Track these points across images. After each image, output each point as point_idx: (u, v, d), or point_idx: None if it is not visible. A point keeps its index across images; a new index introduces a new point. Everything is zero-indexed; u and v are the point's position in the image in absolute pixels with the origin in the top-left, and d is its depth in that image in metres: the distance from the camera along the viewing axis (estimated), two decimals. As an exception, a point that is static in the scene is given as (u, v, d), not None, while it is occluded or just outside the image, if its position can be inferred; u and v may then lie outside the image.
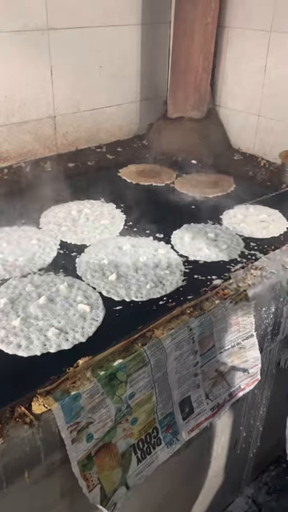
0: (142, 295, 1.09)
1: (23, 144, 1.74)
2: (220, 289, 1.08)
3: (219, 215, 1.47)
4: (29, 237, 1.31)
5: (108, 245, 1.29)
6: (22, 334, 0.95)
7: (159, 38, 1.97)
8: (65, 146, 1.87)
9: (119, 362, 0.87)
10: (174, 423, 1.02)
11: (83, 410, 0.81)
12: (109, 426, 0.86)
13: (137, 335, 0.93)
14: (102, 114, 1.93)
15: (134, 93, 2.00)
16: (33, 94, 1.69)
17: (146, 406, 0.94)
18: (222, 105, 1.99)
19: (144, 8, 1.86)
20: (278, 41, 1.71)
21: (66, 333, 0.96)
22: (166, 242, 1.31)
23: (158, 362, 0.93)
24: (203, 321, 1.00)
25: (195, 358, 1.01)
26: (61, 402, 0.78)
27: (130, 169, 1.79)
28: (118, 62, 1.88)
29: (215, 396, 1.09)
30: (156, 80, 2.04)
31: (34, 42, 1.61)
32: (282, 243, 1.29)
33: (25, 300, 1.05)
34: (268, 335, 1.20)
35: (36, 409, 0.77)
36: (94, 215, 1.44)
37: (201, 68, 1.85)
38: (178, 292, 1.11)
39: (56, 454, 0.81)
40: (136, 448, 0.95)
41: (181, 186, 1.67)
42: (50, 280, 1.13)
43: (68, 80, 1.75)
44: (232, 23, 1.83)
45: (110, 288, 1.10)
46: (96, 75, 1.83)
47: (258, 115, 1.87)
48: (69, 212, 1.45)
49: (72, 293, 1.08)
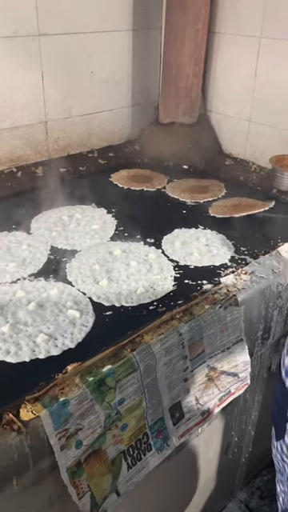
0: (133, 300, 1.09)
1: (14, 149, 1.74)
2: (210, 294, 1.08)
3: (210, 220, 1.48)
4: (19, 242, 1.30)
5: (99, 250, 1.29)
6: (11, 340, 0.94)
7: (150, 44, 1.98)
8: (56, 151, 1.87)
9: (108, 367, 0.86)
10: (165, 429, 1.01)
11: (72, 416, 0.81)
12: (98, 433, 0.86)
13: (126, 341, 0.92)
14: (93, 120, 1.93)
15: (125, 98, 2.01)
16: (24, 100, 1.69)
17: (136, 412, 0.94)
18: (213, 110, 2.00)
19: (135, 14, 1.87)
20: (267, 47, 1.72)
21: (55, 339, 0.95)
22: (156, 247, 1.31)
23: (148, 368, 0.93)
24: (193, 326, 1.00)
25: (185, 363, 1.01)
26: (49, 408, 0.78)
27: (122, 174, 1.80)
28: (109, 68, 1.89)
29: (205, 401, 1.09)
30: (147, 85, 2.05)
31: (25, 48, 1.62)
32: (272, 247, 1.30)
33: (14, 306, 1.05)
34: (258, 340, 1.20)
35: (24, 415, 0.77)
36: (85, 220, 1.44)
37: (192, 73, 1.86)
38: (168, 297, 1.11)
39: (45, 461, 0.81)
40: (126, 454, 0.95)
41: (172, 190, 1.68)
42: (40, 286, 1.13)
43: (59, 85, 1.75)
44: (222, 29, 1.85)
45: (100, 293, 1.10)
46: (87, 81, 1.84)
47: (248, 120, 1.88)
48: (60, 217, 1.45)
49: (62, 298, 1.08)
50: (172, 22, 1.82)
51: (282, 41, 1.66)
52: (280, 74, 1.71)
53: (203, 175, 1.80)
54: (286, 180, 1.65)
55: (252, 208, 1.51)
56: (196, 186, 1.71)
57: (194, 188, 1.69)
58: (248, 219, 1.47)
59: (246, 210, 1.49)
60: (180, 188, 1.69)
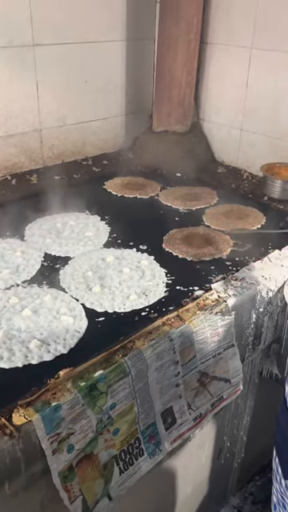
0: (125, 306, 1.10)
1: (9, 157, 1.76)
2: (201, 300, 1.10)
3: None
4: (13, 249, 1.32)
5: (92, 257, 1.30)
6: (5, 346, 0.95)
7: (144, 54, 2.01)
8: (51, 159, 1.89)
9: (100, 372, 0.88)
10: (157, 434, 1.03)
11: (64, 420, 0.82)
12: (90, 437, 0.87)
13: (118, 346, 0.94)
14: (87, 128, 1.95)
15: (119, 107, 2.03)
16: (19, 108, 1.71)
17: (128, 417, 0.95)
18: (206, 119, 2.03)
19: (128, 24, 1.90)
20: (258, 57, 1.75)
21: (48, 344, 0.97)
22: (149, 254, 1.33)
23: (139, 373, 0.94)
24: (184, 331, 1.02)
25: (176, 369, 1.02)
26: (41, 413, 0.79)
27: (116, 181, 1.82)
28: (103, 77, 1.92)
29: (197, 406, 1.10)
30: (141, 94, 2.07)
31: (20, 58, 1.64)
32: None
33: (8, 312, 1.06)
34: (249, 345, 1.22)
35: (16, 420, 0.78)
36: (79, 227, 1.46)
37: (184, 83, 1.89)
38: (160, 303, 1.13)
39: (36, 466, 0.82)
40: (118, 459, 0.96)
41: (165, 198, 1.70)
42: (33, 292, 1.14)
43: (54, 94, 1.78)
44: (214, 40, 1.88)
45: (93, 300, 1.12)
46: (82, 90, 1.86)
47: (240, 129, 1.91)
48: (54, 224, 1.46)
49: (55, 305, 1.09)
50: (165, 32, 1.85)
51: (272, 51, 1.70)
52: (270, 84, 1.75)
53: (196, 183, 1.83)
54: (277, 188, 1.68)
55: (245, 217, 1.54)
56: (189, 193, 1.73)
57: (187, 195, 1.71)
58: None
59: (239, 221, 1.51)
60: (173, 195, 1.71)
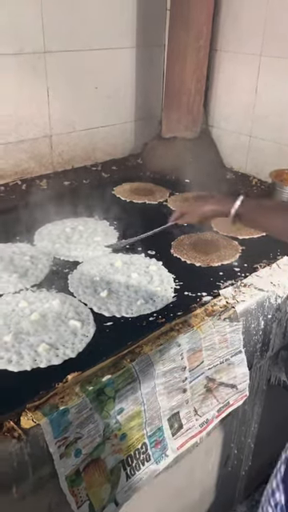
0: (133, 311, 1.11)
1: (19, 162, 1.77)
2: (209, 305, 1.10)
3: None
4: (22, 253, 1.33)
5: (100, 262, 1.31)
6: (13, 350, 0.96)
7: (153, 61, 2.02)
8: (61, 164, 1.90)
9: (108, 377, 0.88)
10: (163, 439, 1.02)
11: (71, 425, 0.82)
12: (97, 442, 0.87)
13: (126, 351, 0.94)
14: (97, 134, 1.97)
15: (128, 113, 2.05)
16: (30, 114, 1.73)
17: (135, 422, 0.95)
18: (215, 125, 2.04)
19: (139, 31, 1.92)
20: (267, 64, 1.76)
21: (56, 348, 0.97)
22: (157, 259, 1.33)
23: (147, 378, 0.94)
24: (192, 337, 1.02)
25: (184, 374, 1.02)
26: (49, 416, 0.79)
27: (124, 187, 1.83)
28: (113, 84, 1.93)
29: (204, 412, 1.10)
30: (150, 101, 2.09)
31: (31, 65, 1.66)
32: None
33: (17, 316, 1.07)
34: (257, 352, 1.21)
35: (24, 423, 0.79)
36: (88, 232, 1.46)
37: (194, 89, 1.90)
38: (168, 308, 1.13)
39: (44, 469, 0.82)
40: (125, 464, 0.96)
41: (174, 204, 1.70)
42: (42, 296, 1.15)
43: (64, 101, 1.79)
44: (224, 47, 1.89)
45: (101, 304, 1.12)
46: (91, 96, 1.88)
47: (249, 135, 1.91)
48: (63, 229, 1.47)
49: (64, 309, 1.10)
50: (175, 39, 1.86)
51: (282, 59, 1.70)
52: (279, 91, 1.75)
53: (204, 189, 1.83)
54: (286, 194, 1.68)
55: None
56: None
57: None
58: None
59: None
60: (181, 201, 1.72)
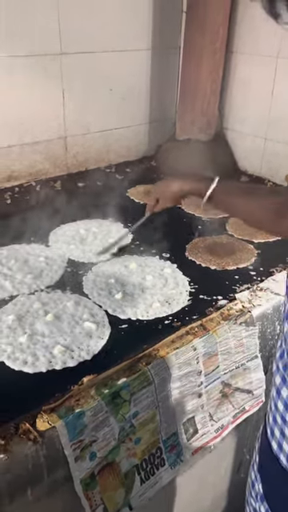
0: (148, 314, 1.10)
1: (34, 163, 1.78)
2: (225, 309, 1.09)
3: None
4: (37, 254, 1.33)
5: (115, 263, 1.30)
6: (29, 351, 0.96)
7: (169, 63, 2.02)
8: (75, 165, 1.91)
9: (123, 380, 0.87)
10: (178, 444, 1.01)
11: (87, 427, 0.82)
12: (112, 445, 0.87)
13: (141, 354, 0.93)
14: (111, 136, 1.97)
15: (143, 115, 2.04)
16: (45, 116, 1.73)
17: (150, 426, 0.94)
18: (230, 127, 2.02)
19: (154, 34, 1.91)
20: (284, 66, 1.75)
21: (71, 350, 0.97)
22: (172, 262, 1.33)
23: (162, 382, 0.93)
24: (208, 341, 1.01)
25: (199, 379, 1.01)
26: (65, 419, 0.79)
27: (138, 189, 1.82)
28: (127, 86, 1.93)
29: (219, 417, 1.09)
30: (165, 103, 2.08)
31: (47, 67, 1.66)
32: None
33: (32, 317, 1.06)
34: (273, 357, 1.20)
35: (40, 426, 0.78)
36: (102, 234, 1.46)
37: (209, 92, 1.89)
38: (183, 311, 1.12)
39: (59, 472, 0.82)
40: (139, 468, 0.95)
41: (187, 206, 1.69)
42: (57, 297, 1.14)
43: (79, 102, 1.80)
44: (240, 49, 1.88)
45: (116, 306, 1.11)
46: (106, 98, 1.88)
47: (264, 138, 1.90)
48: (77, 230, 1.47)
49: (78, 311, 1.09)
50: (190, 41, 1.86)
51: (299, 61, 1.69)
52: (297, 94, 1.74)
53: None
54: (302, 198, 1.66)
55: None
56: (212, 202, 1.72)
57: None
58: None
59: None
60: (196, 204, 1.70)
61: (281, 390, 0.71)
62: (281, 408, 0.71)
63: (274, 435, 0.76)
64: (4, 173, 1.71)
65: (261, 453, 0.84)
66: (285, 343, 0.69)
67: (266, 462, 0.81)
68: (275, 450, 0.75)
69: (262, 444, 0.82)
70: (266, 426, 0.80)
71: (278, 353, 0.73)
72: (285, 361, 0.70)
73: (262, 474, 0.83)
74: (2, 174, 1.71)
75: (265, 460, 0.82)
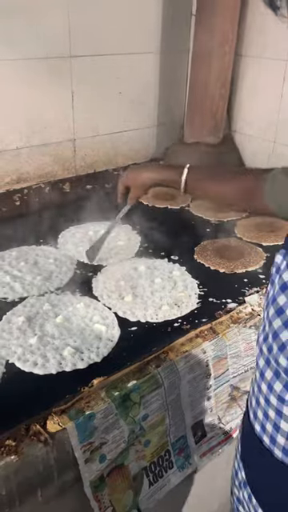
0: (158, 317, 1.10)
1: (43, 166, 1.79)
2: (235, 312, 1.09)
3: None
4: (46, 256, 1.33)
5: (124, 266, 1.31)
6: (39, 352, 0.96)
7: (177, 66, 2.02)
8: (83, 168, 1.91)
9: (133, 383, 0.88)
10: (187, 447, 1.01)
11: (97, 430, 0.82)
12: (122, 448, 0.87)
13: (151, 357, 0.94)
14: (120, 138, 1.97)
15: (151, 118, 2.05)
16: (54, 118, 1.74)
17: (159, 429, 0.94)
18: (238, 130, 2.02)
19: (163, 37, 1.92)
20: (294, 70, 1.75)
21: (81, 352, 0.97)
22: (180, 265, 1.33)
23: (172, 385, 0.93)
24: (217, 344, 1.01)
25: (209, 382, 1.01)
26: (75, 421, 0.79)
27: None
28: (136, 88, 1.94)
29: (228, 421, 1.08)
30: (173, 106, 2.09)
31: (57, 69, 1.67)
32: None
33: (42, 318, 1.07)
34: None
35: (51, 427, 0.78)
36: (111, 236, 1.45)
37: (218, 95, 1.89)
38: (192, 314, 1.12)
39: (68, 474, 0.82)
40: (148, 471, 0.95)
41: (196, 209, 1.70)
42: (66, 299, 1.15)
43: (88, 105, 1.80)
44: (249, 52, 1.88)
45: (125, 309, 1.12)
46: (115, 101, 1.89)
47: (273, 141, 1.89)
48: (86, 233, 1.48)
49: (88, 313, 1.10)
50: (199, 44, 1.86)
51: (309, 64, 1.69)
52: (306, 97, 1.73)
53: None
54: (311, 201, 1.65)
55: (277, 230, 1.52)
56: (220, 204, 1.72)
57: (218, 206, 1.70)
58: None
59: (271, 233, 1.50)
60: (204, 206, 1.71)
61: (265, 372, 0.72)
62: (264, 390, 0.72)
63: (257, 417, 0.76)
64: (13, 175, 1.72)
65: (243, 438, 0.86)
66: (268, 327, 0.70)
67: (249, 447, 0.82)
68: (258, 432, 0.76)
69: (245, 429, 0.84)
70: (248, 411, 0.81)
71: (262, 336, 0.74)
72: (269, 343, 0.71)
73: (245, 460, 0.84)
74: (11, 175, 1.72)
75: (247, 445, 0.83)
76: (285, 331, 0.66)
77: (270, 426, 0.72)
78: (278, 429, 0.70)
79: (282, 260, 0.69)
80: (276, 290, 0.69)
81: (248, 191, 0.99)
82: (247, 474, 0.82)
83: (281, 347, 0.67)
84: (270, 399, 0.71)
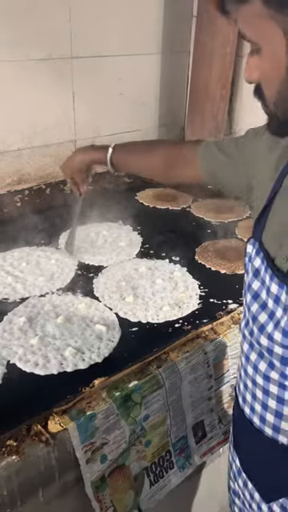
0: (158, 317, 1.10)
1: (44, 167, 1.79)
2: (236, 313, 1.09)
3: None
4: (48, 257, 1.34)
5: (125, 267, 1.31)
6: (40, 353, 0.96)
7: (178, 67, 2.03)
8: (84, 169, 1.91)
9: (134, 383, 0.88)
10: (187, 447, 1.02)
11: (98, 430, 0.82)
12: (123, 448, 0.87)
13: (152, 357, 0.94)
14: (121, 139, 1.95)
15: (152, 119, 2.05)
16: (55, 119, 1.74)
17: (160, 429, 0.94)
18: (238, 132, 2.03)
19: (164, 38, 1.92)
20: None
21: (82, 353, 0.97)
22: (181, 265, 1.33)
23: (173, 385, 0.94)
24: (218, 345, 1.01)
25: (210, 382, 1.01)
26: (77, 421, 0.79)
27: (147, 192, 1.83)
28: (138, 90, 1.94)
29: (228, 421, 1.08)
30: (174, 107, 2.09)
31: (59, 70, 1.68)
32: None
33: (43, 319, 1.07)
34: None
35: (52, 427, 0.79)
36: (112, 237, 1.47)
37: (219, 96, 1.90)
38: (193, 315, 1.12)
39: (70, 474, 0.82)
40: (149, 471, 0.95)
41: (197, 210, 1.70)
42: (68, 300, 1.15)
43: (89, 106, 1.81)
44: (250, 53, 1.88)
45: (126, 309, 1.12)
46: (116, 102, 1.89)
47: (274, 142, 1.90)
48: (87, 234, 1.48)
49: (89, 313, 1.10)
50: (201, 46, 1.86)
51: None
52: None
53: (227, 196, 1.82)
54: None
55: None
56: (221, 205, 1.73)
57: (219, 208, 1.70)
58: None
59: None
60: (205, 207, 1.71)
61: (249, 355, 0.76)
62: (250, 372, 0.75)
63: (245, 401, 0.79)
64: (14, 176, 1.72)
65: (234, 425, 0.87)
66: (248, 313, 0.75)
67: (241, 432, 0.84)
68: (248, 414, 0.78)
69: (236, 416, 0.85)
70: (237, 398, 0.83)
71: (243, 322, 0.78)
72: (250, 327, 0.74)
73: (238, 446, 0.86)
74: (12, 176, 1.72)
75: (239, 432, 0.85)
76: (262, 313, 0.71)
77: (259, 406, 0.74)
78: (267, 407, 0.73)
79: (252, 249, 0.73)
80: (250, 276, 0.74)
81: (171, 161, 1.01)
82: (241, 460, 0.84)
83: (260, 328, 0.71)
84: (256, 380, 0.74)
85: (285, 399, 0.70)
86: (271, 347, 0.69)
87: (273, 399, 0.72)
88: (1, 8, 1.45)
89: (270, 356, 0.70)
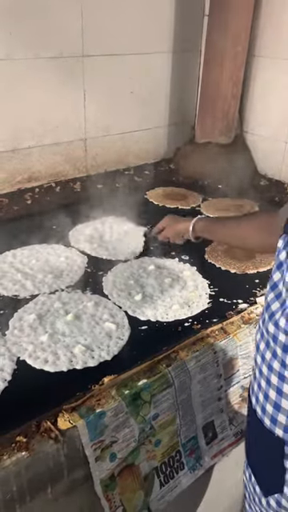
0: (168, 316, 1.09)
1: (54, 165, 1.79)
2: (246, 313, 1.08)
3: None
4: (57, 254, 1.34)
5: (133, 265, 1.30)
6: (49, 350, 0.96)
7: (189, 66, 2.02)
8: (94, 167, 1.91)
9: (144, 381, 0.87)
10: (198, 448, 1.01)
11: (107, 428, 0.82)
12: (132, 447, 0.86)
13: (161, 356, 0.93)
14: (131, 138, 1.97)
15: (162, 118, 2.04)
16: (66, 118, 1.74)
17: (170, 428, 0.94)
18: (249, 131, 2.01)
19: (176, 37, 1.92)
20: (307, 70, 1.73)
21: (91, 350, 0.97)
22: (191, 264, 1.32)
23: (182, 384, 0.93)
24: (228, 344, 1.00)
25: (219, 382, 1.00)
26: (86, 418, 0.79)
27: (157, 191, 1.82)
28: (148, 88, 1.93)
29: (239, 422, 1.08)
30: (184, 106, 2.08)
31: (70, 69, 1.68)
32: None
33: (53, 316, 1.07)
34: None
35: (62, 424, 0.78)
36: (121, 235, 1.46)
37: (230, 95, 1.88)
38: (203, 314, 1.11)
39: (79, 471, 0.82)
40: (159, 471, 0.94)
41: (206, 209, 1.69)
42: (77, 297, 1.15)
43: (100, 104, 1.81)
44: (262, 52, 1.87)
45: (135, 307, 1.11)
46: (127, 100, 1.89)
47: (285, 142, 1.88)
48: (96, 232, 1.48)
49: (98, 311, 1.10)
50: (212, 45, 1.85)
51: None
52: None
53: (238, 195, 1.81)
54: None
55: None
56: (230, 205, 1.72)
57: (229, 207, 1.69)
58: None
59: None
60: (214, 207, 1.70)
61: (265, 354, 0.76)
62: (265, 372, 0.76)
63: (258, 401, 0.79)
64: (25, 173, 1.73)
65: (248, 428, 0.88)
66: (265, 304, 0.77)
67: (252, 432, 0.85)
68: (260, 415, 0.78)
69: (249, 418, 0.86)
70: (250, 399, 0.84)
71: (261, 319, 0.80)
72: (264, 317, 0.76)
73: (250, 452, 0.87)
74: (22, 174, 1.72)
75: (251, 432, 0.85)
76: (276, 302, 0.74)
77: (271, 407, 0.75)
78: (279, 408, 0.73)
79: (282, 243, 0.75)
80: (273, 269, 0.76)
81: (262, 228, 1.02)
82: (248, 457, 0.86)
83: (270, 316, 0.74)
84: (270, 379, 0.74)
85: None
86: (277, 334, 0.72)
87: (286, 400, 0.72)
88: (11, 6, 1.46)
89: (274, 344, 0.72)
